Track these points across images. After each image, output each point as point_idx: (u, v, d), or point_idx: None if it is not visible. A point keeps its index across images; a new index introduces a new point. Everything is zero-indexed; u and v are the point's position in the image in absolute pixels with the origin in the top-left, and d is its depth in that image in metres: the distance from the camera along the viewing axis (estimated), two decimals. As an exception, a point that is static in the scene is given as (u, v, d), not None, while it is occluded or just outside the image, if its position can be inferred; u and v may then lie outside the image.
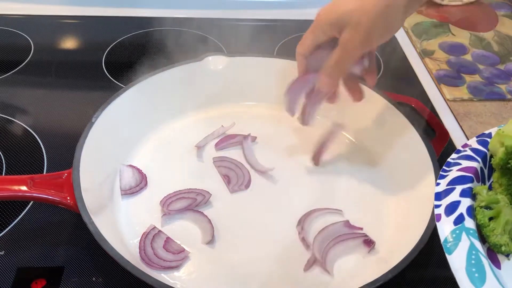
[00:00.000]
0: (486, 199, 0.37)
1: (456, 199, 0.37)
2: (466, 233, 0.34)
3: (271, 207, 0.58)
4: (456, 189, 0.38)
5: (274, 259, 0.53)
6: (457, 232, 0.35)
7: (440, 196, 0.38)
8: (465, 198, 0.37)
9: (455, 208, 0.36)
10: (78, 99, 0.75)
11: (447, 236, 0.35)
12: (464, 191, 0.38)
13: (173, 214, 0.56)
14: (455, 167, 0.41)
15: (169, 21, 0.95)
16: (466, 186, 0.38)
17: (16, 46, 0.87)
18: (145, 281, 0.43)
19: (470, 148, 0.42)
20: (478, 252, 0.33)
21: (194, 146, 0.65)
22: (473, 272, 0.32)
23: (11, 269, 0.51)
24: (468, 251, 0.33)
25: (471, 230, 0.35)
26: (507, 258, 0.37)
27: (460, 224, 0.35)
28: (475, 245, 0.34)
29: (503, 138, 0.39)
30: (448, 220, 0.36)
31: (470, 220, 0.35)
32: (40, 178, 0.52)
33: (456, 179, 0.39)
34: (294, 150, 0.66)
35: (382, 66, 0.87)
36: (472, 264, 0.32)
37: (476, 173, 0.40)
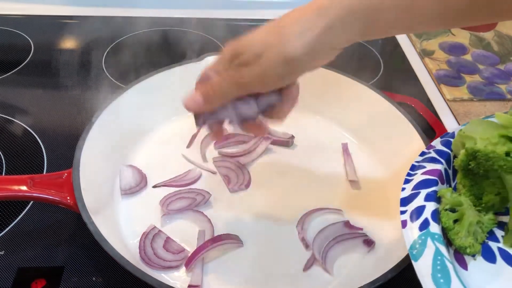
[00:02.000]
0: (450, 202, 0.37)
1: (421, 203, 0.37)
2: (431, 239, 0.35)
3: (271, 207, 0.58)
4: (421, 193, 0.38)
5: (274, 259, 0.53)
6: (423, 237, 0.35)
7: (405, 201, 0.38)
8: (430, 202, 0.37)
9: (420, 213, 0.37)
10: (78, 99, 0.75)
11: (412, 243, 0.35)
12: (429, 195, 0.38)
13: (173, 214, 0.56)
14: (420, 170, 0.41)
15: (169, 21, 0.95)
16: (430, 190, 0.38)
17: (16, 46, 0.87)
18: (145, 281, 0.43)
19: (434, 150, 0.43)
20: (443, 257, 0.34)
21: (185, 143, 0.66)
22: (439, 278, 0.32)
23: (11, 269, 0.51)
24: (434, 257, 0.34)
25: (436, 235, 0.35)
26: (473, 259, 0.37)
27: (425, 229, 0.35)
28: (440, 250, 0.34)
29: (464, 139, 0.39)
30: (413, 226, 0.36)
31: (435, 224, 0.35)
32: (40, 178, 0.52)
33: (421, 183, 0.39)
34: (294, 149, 0.66)
35: (382, 66, 0.87)
36: (437, 269, 0.33)
37: (440, 176, 0.40)
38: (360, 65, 0.87)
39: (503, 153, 0.36)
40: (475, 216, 0.38)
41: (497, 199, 0.39)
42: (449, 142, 0.43)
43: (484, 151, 0.36)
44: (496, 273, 0.36)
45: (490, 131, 0.38)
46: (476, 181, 0.39)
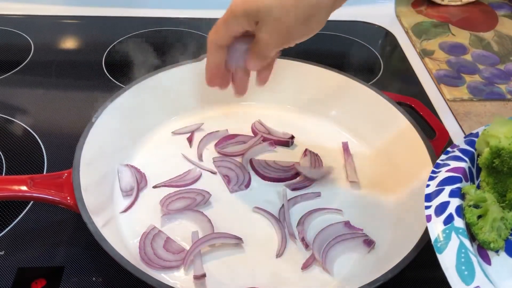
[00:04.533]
0: (474, 198, 0.38)
1: (445, 199, 0.38)
2: (455, 232, 0.35)
3: (271, 207, 0.58)
4: (445, 189, 0.39)
5: (274, 259, 0.53)
6: (447, 231, 0.36)
7: (430, 197, 0.39)
8: (454, 198, 0.38)
9: (444, 209, 0.37)
10: (78, 99, 0.75)
11: (437, 236, 0.36)
12: (453, 192, 0.38)
13: (173, 214, 0.56)
14: (444, 168, 0.41)
15: (169, 21, 0.96)
16: (455, 187, 0.39)
17: (16, 46, 0.87)
18: (145, 281, 0.43)
19: (458, 149, 0.43)
20: (467, 250, 0.34)
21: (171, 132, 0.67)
22: (463, 270, 0.33)
23: (11, 269, 0.51)
24: (458, 249, 0.34)
25: (460, 229, 0.36)
26: (496, 254, 0.38)
27: (450, 223, 0.36)
28: (465, 243, 0.35)
29: (488, 138, 0.40)
30: (438, 220, 0.37)
31: (459, 219, 0.36)
32: (40, 178, 0.52)
33: (445, 180, 0.40)
34: (294, 149, 0.66)
35: (382, 66, 0.87)
36: (462, 262, 0.33)
37: (464, 173, 0.41)
38: (360, 65, 0.87)
39: None
40: (499, 212, 0.38)
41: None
42: (473, 141, 0.43)
43: (508, 148, 0.37)
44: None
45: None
46: (500, 178, 0.40)
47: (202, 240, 0.52)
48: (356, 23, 0.99)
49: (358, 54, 0.91)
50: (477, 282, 0.32)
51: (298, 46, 0.47)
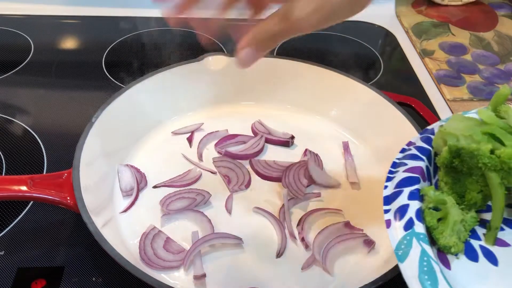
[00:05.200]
0: (434, 200, 0.37)
1: (404, 202, 0.37)
2: (416, 239, 0.34)
3: (271, 207, 0.58)
4: (404, 191, 0.38)
5: (274, 259, 0.53)
6: (408, 238, 0.35)
7: (388, 200, 0.38)
8: (414, 200, 0.37)
9: (404, 212, 0.36)
10: (78, 99, 0.75)
11: (398, 244, 0.35)
12: (412, 194, 0.37)
13: (173, 214, 0.56)
14: (402, 168, 0.40)
15: (169, 21, 0.95)
16: (413, 188, 0.38)
17: (16, 46, 0.87)
18: (145, 281, 0.43)
19: (414, 147, 0.42)
20: (429, 258, 0.33)
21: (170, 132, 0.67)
22: (426, 280, 0.32)
23: (11, 269, 0.51)
24: (420, 258, 0.33)
25: (421, 235, 0.35)
26: (456, 258, 0.37)
27: (410, 229, 0.35)
28: (426, 251, 0.34)
29: (446, 136, 0.39)
30: (398, 226, 0.36)
31: (419, 224, 0.35)
32: (40, 178, 0.52)
33: (403, 181, 0.39)
34: (294, 149, 0.66)
35: (382, 66, 0.87)
36: (424, 271, 0.33)
37: (422, 173, 0.39)
38: (360, 65, 0.88)
39: (488, 151, 0.36)
40: (459, 214, 0.38)
41: (479, 197, 0.38)
42: (429, 138, 0.42)
43: (468, 148, 0.36)
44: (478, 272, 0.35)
45: (473, 128, 0.38)
46: (458, 178, 0.39)
47: (202, 240, 0.52)
48: (356, 23, 0.99)
49: (358, 54, 0.91)
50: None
51: (298, 46, 0.47)
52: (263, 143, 0.66)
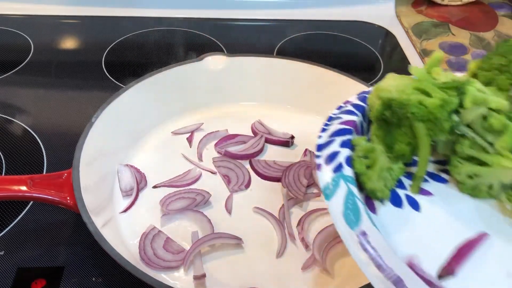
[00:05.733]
0: (364, 149, 0.39)
1: (336, 149, 0.39)
2: (344, 180, 0.36)
3: (271, 207, 0.58)
4: (336, 140, 0.39)
5: (274, 259, 0.53)
6: (336, 179, 0.36)
7: (321, 147, 0.40)
8: (345, 148, 0.39)
9: (334, 158, 0.38)
10: (78, 99, 0.75)
11: (326, 184, 0.36)
12: (344, 142, 0.39)
13: (173, 214, 0.56)
14: (336, 121, 0.42)
15: (169, 21, 0.96)
16: (346, 138, 0.39)
17: (16, 46, 0.87)
18: (145, 281, 0.43)
19: (350, 104, 0.44)
20: (354, 197, 0.35)
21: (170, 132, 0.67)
22: (349, 215, 0.34)
23: (11, 269, 0.51)
24: (346, 196, 0.35)
25: (349, 178, 0.36)
26: (382, 204, 0.38)
27: (339, 172, 0.37)
28: (352, 191, 0.35)
29: (380, 92, 0.40)
30: (328, 169, 0.37)
31: (348, 168, 0.37)
32: (40, 178, 0.52)
33: (337, 132, 0.40)
34: (294, 149, 0.66)
35: (382, 66, 0.87)
36: (349, 208, 0.34)
37: (355, 126, 0.41)
38: (360, 65, 0.88)
39: (417, 101, 0.37)
40: (386, 162, 0.39)
41: (407, 149, 0.40)
42: (365, 98, 0.44)
43: (399, 99, 0.38)
44: (402, 217, 0.37)
45: (405, 84, 0.39)
46: (389, 131, 0.40)
47: (202, 240, 0.52)
48: (356, 23, 0.99)
49: (358, 54, 0.91)
50: (363, 227, 0.33)
51: (298, 46, 0.47)
52: (263, 143, 0.66)
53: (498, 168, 0.37)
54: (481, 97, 0.38)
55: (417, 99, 0.37)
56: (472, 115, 0.38)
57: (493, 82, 0.40)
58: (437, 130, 0.37)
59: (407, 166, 0.41)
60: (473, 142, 0.39)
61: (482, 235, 0.36)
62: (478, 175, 0.38)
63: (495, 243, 0.36)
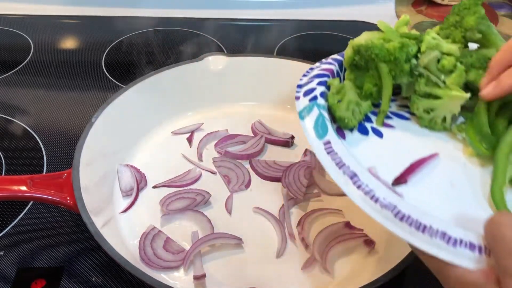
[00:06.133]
0: (336, 87, 0.45)
1: (313, 87, 0.45)
2: (317, 107, 0.43)
3: (271, 207, 0.58)
4: (314, 81, 0.46)
5: (274, 259, 0.53)
6: (311, 106, 0.43)
7: (301, 86, 0.46)
8: (321, 86, 0.45)
9: (311, 92, 0.44)
10: (78, 99, 0.75)
11: (302, 108, 0.43)
12: (321, 82, 0.46)
13: (173, 214, 0.56)
14: (316, 69, 0.49)
15: (169, 21, 0.96)
16: (323, 80, 0.46)
17: (16, 46, 0.87)
18: (145, 281, 0.43)
19: (330, 58, 0.51)
20: (324, 118, 0.42)
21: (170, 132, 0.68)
22: (318, 129, 0.41)
23: (11, 269, 0.51)
24: (317, 117, 0.42)
25: (322, 106, 0.43)
26: (350, 133, 0.45)
27: (314, 101, 0.43)
28: (323, 114, 0.42)
29: (353, 44, 0.46)
30: (304, 99, 0.44)
31: (322, 100, 0.44)
32: (40, 178, 0.52)
33: (316, 76, 0.47)
34: (294, 149, 0.66)
35: (382, 66, 0.87)
36: (318, 125, 0.41)
37: (332, 73, 0.48)
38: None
39: (380, 44, 0.44)
40: (355, 96, 0.45)
41: (374, 89, 0.46)
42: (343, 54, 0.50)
43: (365, 44, 0.44)
44: (366, 142, 0.44)
45: (374, 35, 0.47)
46: (359, 75, 0.46)
47: (202, 240, 0.52)
48: (356, 23, 0.99)
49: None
50: (328, 138, 0.40)
51: (298, 46, 0.47)
52: (263, 143, 0.66)
53: (447, 99, 0.44)
54: (435, 43, 0.45)
55: (379, 42, 0.44)
56: (428, 58, 0.44)
57: (450, 36, 0.47)
58: (398, 70, 0.44)
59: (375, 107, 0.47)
60: (428, 80, 0.45)
61: (433, 155, 0.42)
62: (433, 109, 0.44)
63: (444, 161, 0.42)
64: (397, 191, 0.39)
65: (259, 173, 0.62)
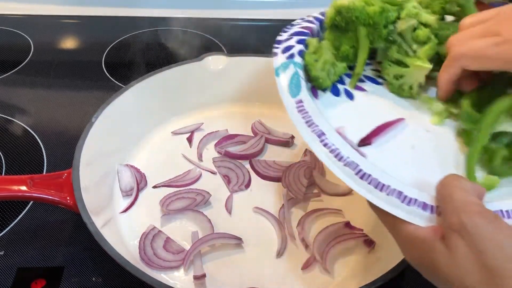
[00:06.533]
0: (314, 46, 0.46)
1: (292, 44, 0.46)
2: (293, 65, 0.43)
3: (271, 207, 0.58)
4: (293, 38, 0.47)
5: (274, 259, 0.53)
6: (287, 63, 0.44)
7: (280, 42, 0.47)
8: (299, 45, 0.46)
9: (289, 50, 0.45)
10: (78, 99, 0.75)
11: (278, 65, 0.44)
12: (300, 40, 0.46)
13: (173, 214, 0.56)
14: (297, 26, 0.50)
15: (169, 21, 0.96)
16: (302, 38, 0.47)
17: (16, 46, 0.87)
18: (145, 281, 0.43)
19: (312, 16, 0.52)
20: (299, 77, 0.43)
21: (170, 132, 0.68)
22: (292, 88, 0.42)
23: (11, 269, 0.51)
24: (292, 75, 0.43)
25: (298, 64, 0.44)
26: (324, 93, 0.46)
27: (291, 59, 0.44)
28: (298, 72, 0.43)
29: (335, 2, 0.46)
30: (282, 56, 0.45)
31: (299, 58, 0.44)
32: (40, 178, 0.52)
33: (295, 33, 0.48)
34: (294, 149, 0.66)
35: (382, 66, 0.87)
36: (293, 83, 0.42)
37: (312, 31, 0.49)
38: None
39: (361, 7, 0.44)
40: (331, 57, 0.46)
41: (351, 51, 0.47)
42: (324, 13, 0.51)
43: (348, 5, 0.45)
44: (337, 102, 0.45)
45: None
46: (339, 36, 0.47)
47: (202, 240, 0.52)
48: (356, 23, 0.99)
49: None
50: (301, 97, 0.41)
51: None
52: (263, 143, 0.66)
53: (413, 68, 0.45)
54: (415, 12, 0.46)
55: (361, 5, 0.45)
56: (405, 25, 0.46)
57: (429, 6, 0.48)
58: (376, 35, 0.45)
59: (350, 69, 0.48)
60: (400, 47, 0.46)
61: (399, 119, 0.44)
62: (402, 76, 0.46)
63: (408, 126, 0.44)
64: (362, 151, 0.41)
65: (259, 173, 0.62)
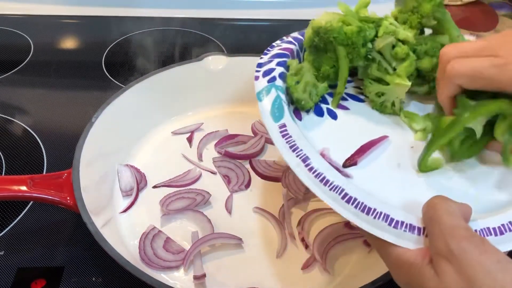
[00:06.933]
0: (295, 68, 0.46)
1: (272, 67, 0.46)
2: (275, 88, 0.44)
3: (271, 207, 0.58)
4: (274, 61, 0.47)
5: (274, 259, 0.53)
6: (269, 87, 0.44)
7: (261, 65, 0.47)
8: (280, 67, 0.46)
9: (270, 73, 0.46)
10: (78, 99, 0.75)
11: (260, 90, 0.44)
12: (280, 63, 0.47)
13: (173, 214, 0.56)
14: (277, 48, 0.50)
15: (170, 21, 0.96)
16: (282, 60, 0.47)
17: (16, 46, 0.87)
18: (145, 281, 0.43)
19: (291, 37, 0.52)
20: (281, 100, 0.43)
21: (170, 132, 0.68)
22: (275, 112, 0.42)
23: (11, 269, 0.51)
24: (274, 99, 0.43)
25: (280, 87, 0.44)
26: (307, 114, 0.46)
27: (272, 82, 0.45)
28: (281, 96, 0.43)
29: (313, 25, 0.47)
30: (264, 80, 0.45)
31: (280, 81, 0.45)
32: (40, 178, 0.52)
33: (276, 55, 0.48)
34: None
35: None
36: (275, 107, 0.43)
37: (292, 53, 0.49)
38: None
39: (339, 27, 0.45)
40: (312, 78, 0.47)
41: (331, 71, 0.47)
42: (304, 33, 0.51)
43: (325, 26, 0.45)
44: (321, 123, 0.46)
45: (334, 17, 0.47)
46: (318, 56, 0.47)
47: (202, 240, 0.52)
48: (356, 23, 0.99)
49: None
50: (284, 121, 0.42)
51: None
52: (263, 143, 0.65)
53: (394, 86, 0.46)
54: (392, 29, 0.46)
55: (338, 25, 0.45)
56: (383, 43, 0.46)
57: (407, 21, 0.48)
58: (355, 54, 0.46)
59: (332, 88, 0.49)
60: (379, 65, 0.47)
61: (383, 137, 0.44)
62: (384, 93, 0.47)
63: (393, 144, 0.44)
64: (347, 172, 0.41)
65: (259, 173, 0.62)
